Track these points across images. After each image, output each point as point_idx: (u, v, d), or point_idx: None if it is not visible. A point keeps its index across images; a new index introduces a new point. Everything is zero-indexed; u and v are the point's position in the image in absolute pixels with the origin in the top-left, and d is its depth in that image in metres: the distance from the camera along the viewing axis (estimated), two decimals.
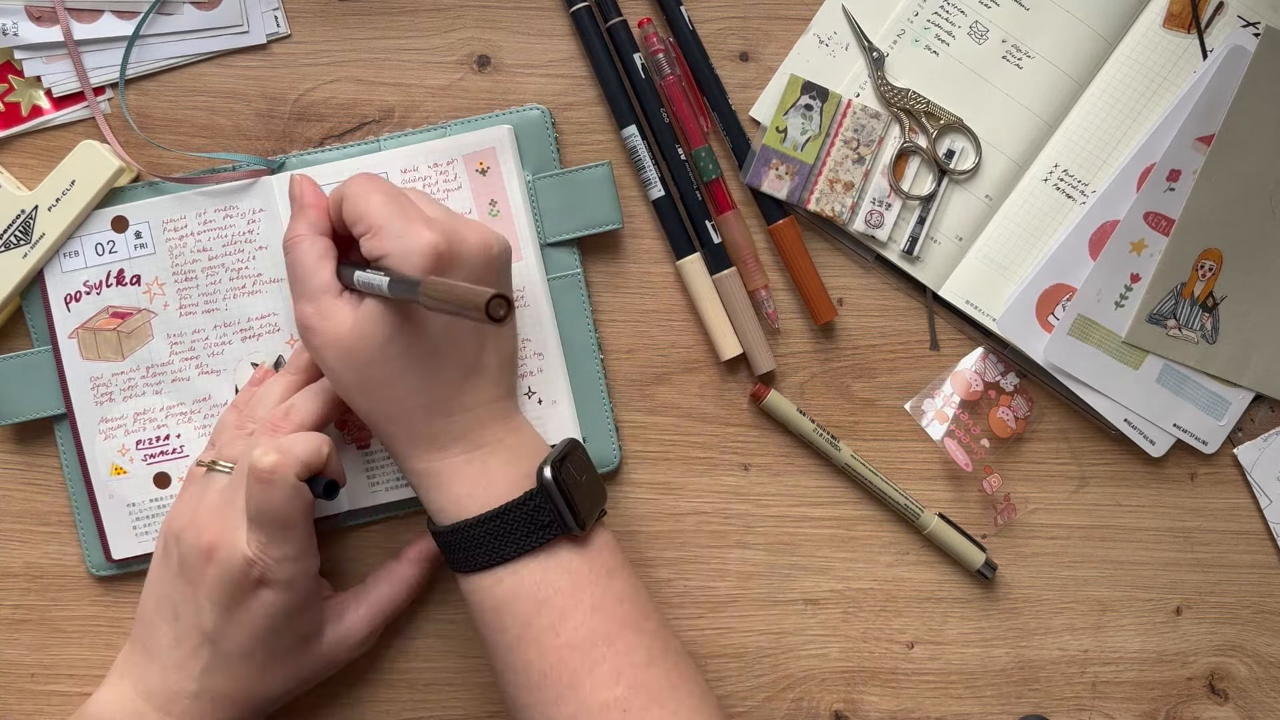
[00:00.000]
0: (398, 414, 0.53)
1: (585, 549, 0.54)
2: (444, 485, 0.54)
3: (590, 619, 0.52)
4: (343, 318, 0.53)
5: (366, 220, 0.53)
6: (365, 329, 0.52)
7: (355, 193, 0.54)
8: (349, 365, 0.53)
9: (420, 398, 0.53)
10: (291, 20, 0.64)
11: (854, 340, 0.65)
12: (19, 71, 0.63)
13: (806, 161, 0.63)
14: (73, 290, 0.62)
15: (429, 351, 0.53)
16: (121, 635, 0.64)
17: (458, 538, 0.53)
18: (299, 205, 0.56)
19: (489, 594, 0.53)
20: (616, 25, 0.63)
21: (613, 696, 0.51)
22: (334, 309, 0.53)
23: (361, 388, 0.53)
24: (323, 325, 0.53)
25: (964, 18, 0.63)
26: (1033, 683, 0.65)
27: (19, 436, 0.64)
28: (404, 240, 0.51)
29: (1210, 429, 0.65)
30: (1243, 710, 0.65)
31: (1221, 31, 0.63)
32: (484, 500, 0.53)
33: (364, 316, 0.52)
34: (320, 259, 0.54)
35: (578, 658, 0.52)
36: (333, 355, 0.53)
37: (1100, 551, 0.65)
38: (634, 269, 0.64)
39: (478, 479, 0.53)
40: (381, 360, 0.52)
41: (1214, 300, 0.64)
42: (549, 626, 0.52)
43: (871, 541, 0.65)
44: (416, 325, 0.52)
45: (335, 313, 0.53)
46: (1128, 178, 0.63)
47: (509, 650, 0.53)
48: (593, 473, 0.56)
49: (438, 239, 0.51)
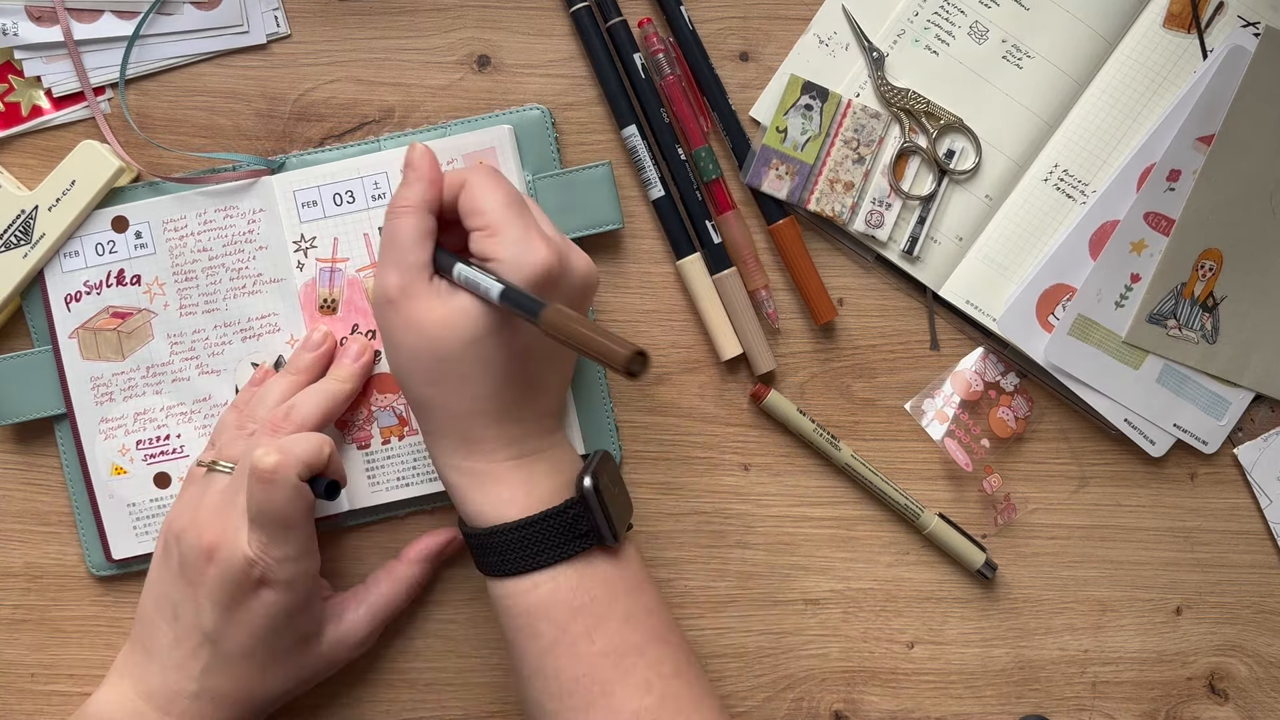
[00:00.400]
0: (455, 412, 0.52)
1: (618, 560, 0.54)
2: (486, 488, 0.53)
3: (624, 628, 0.52)
4: (431, 303, 0.51)
5: (485, 217, 0.51)
6: (454, 323, 0.51)
7: (480, 184, 0.52)
8: (423, 353, 0.51)
9: (483, 403, 0.52)
10: (291, 20, 0.64)
11: (854, 340, 0.65)
12: (19, 71, 0.63)
13: (806, 161, 0.63)
14: (73, 290, 0.62)
15: (506, 361, 0.52)
16: (121, 635, 0.64)
17: (495, 541, 0.53)
18: (416, 175, 0.53)
19: (522, 599, 0.53)
20: (616, 25, 0.63)
21: (643, 706, 0.51)
22: (424, 291, 0.51)
23: (427, 378, 0.52)
24: (407, 305, 0.51)
25: (964, 18, 0.63)
26: (1033, 683, 0.65)
27: (19, 436, 0.64)
28: (520, 250, 0.50)
29: (1210, 429, 0.65)
30: (1243, 710, 0.65)
31: (1221, 31, 0.63)
32: (524, 506, 0.53)
33: (456, 310, 0.51)
34: (424, 236, 0.52)
35: (610, 665, 0.51)
36: (409, 338, 0.51)
37: (1100, 551, 0.65)
38: (634, 269, 0.64)
39: (520, 485, 0.53)
40: (458, 358, 0.51)
41: (1214, 300, 0.64)
42: (584, 634, 0.52)
43: (871, 541, 0.65)
44: (505, 335, 0.51)
45: (425, 296, 0.51)
46: (1128, 178, 0.63)
47: (540, 656, 0.52)
48: (622, 484, 0.56)
49: (553, 259, 0.50)
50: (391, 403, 0.62)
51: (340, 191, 0.62)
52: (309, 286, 0.62)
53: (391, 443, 0.62)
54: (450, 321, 0.51)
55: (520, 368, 0.52)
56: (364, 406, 0.62)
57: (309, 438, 0.54)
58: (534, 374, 0.53)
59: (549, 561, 0.52)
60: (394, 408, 0.62)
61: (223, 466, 0.57)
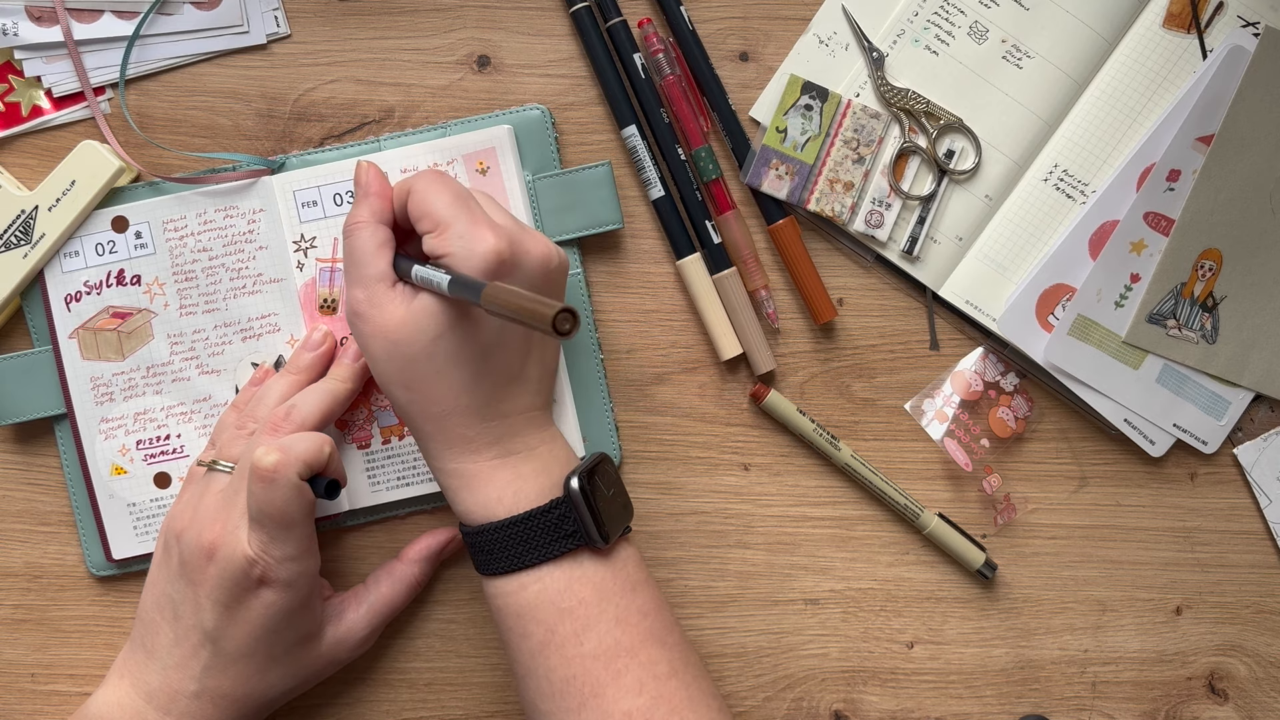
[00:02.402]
0: (436, 412, 0.53)
1: (609, 561, 0.54)
2: (475, 487, 0.54)
3: (614, 630, 0.52)
4: (394, 309, 0.52)
5: (432, 217, 0.52)
6: (417, 323, 0.52)
7: (423, 188, 0.53)
8: (394, 357, 0.52)
9: (461, 399, 0.53)
10: (291, 20, 0.64)
11: (854, 340, 0.65)
12: (19, 71, 0.63)
13: (806, 161, 0.63)
14: (73, 290, 0.62)
15: (476, 354, 0.53)
16: (121, 635, 0.64)
17: (484, 540, 0.53)
18: (364, 191, 0.56)
19: (513, 599, 0.53)
20: (616, 25, 0.63)
21: (635, 706, 0.51)
22: (386, 299, 0.53)
23: (403, 381, 0.53)
24: (373, 314, 0.53)
25: (964, 18, 0.63)
26: (1033, 683, 0.65)
27: (19, 436, 0.64)
28: (467, 241, 0.51)
29: (1210, 429, 0.65)
30: (1243, 710, 0.65)
31: (1221, 31, 0.63)
32: (512, 505, 0.53)
33: (417, 311, 0.52)
34: (380, 247, 0.54)
35: (600, 667, 0.52)
36: (379, 345, 0.53)
37: (1100, 551, 0.66)
38: (634, 269, 0.64)
39: (508, 484, 0.53)
40: (428, 356, 0.52)
41: (1214, 300, 0.64)
42: (572, 635, 0.52)
43: (871, 541, 0.65)
44: (468, 327, 0.52)
45: (387, 303, 0.53)
46: (1128, 178, 0.63)
47: (531, 656, 0.53)
48: (621, 488, 0.56)
49: (501, 244, 0.51)
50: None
51: (340, 191, 0.62)
52: (309, 286, 0.62)
53: (392, 442, 0.62)
54: (412, 323, 0.52)
55: (493, 360, 0.53)
56: (364, 406, 0.62)
57: (309, 437, 0.55)
58: (508, 365, 0.54)
59: (536, 561, 0.53)
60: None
61: (223, 466, 0.57)
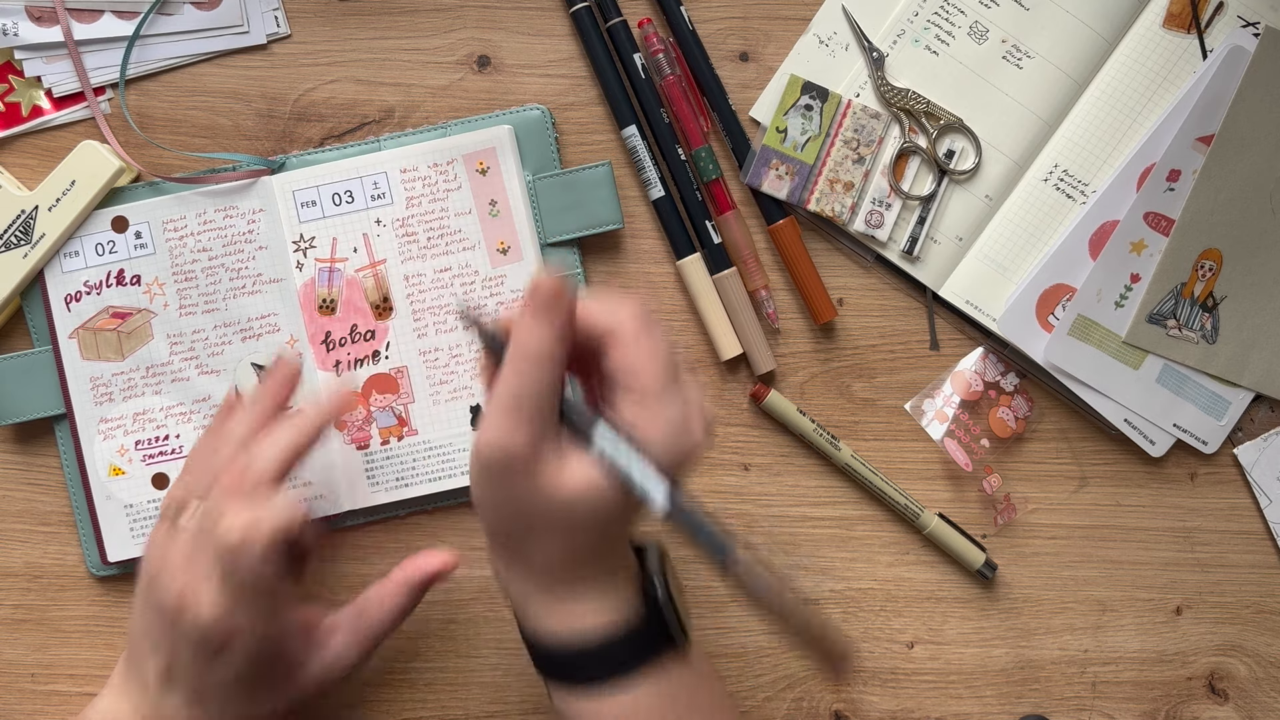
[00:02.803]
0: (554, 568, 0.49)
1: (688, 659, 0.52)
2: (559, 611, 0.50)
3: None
4: (560, 473, 0.45)
5: (640, 380, 0.45)
6: (597, 499, 0.45)
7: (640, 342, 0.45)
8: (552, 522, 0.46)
9: (585, 569, 0.49)
10: (291, 20, 0.64)
11: (854, 340, 0.65)
12: (19, 71, 0.63)
13: (806, 161, 0.63)
14: (73, 290, 0.62)
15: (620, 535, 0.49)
16: (121, 635, 0.64)
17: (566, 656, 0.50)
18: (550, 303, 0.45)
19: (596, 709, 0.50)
20: (616, 25, 0.63)
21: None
22: (551, 455, 0.45)
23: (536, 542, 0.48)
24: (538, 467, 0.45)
25: (964, 18, 0.63)
26: (1033, 683, 0.65)
27: (19, 436, 0.64)
28: (676, 431, 0.45)
29: (1210, 429, 0.65)
30: (1243, 710, 0.65)
31: (1221, 31, 0.63)
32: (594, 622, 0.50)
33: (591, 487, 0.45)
34: (556, 388, 0.45)
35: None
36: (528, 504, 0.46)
37: (1100, 551, 0.65)
38: (634, 269, 0.64)
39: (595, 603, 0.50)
40: (583, 531, 0.46)
41: (1214, 300, 0.64)
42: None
43: (871, 541, 0.65)
44: (630, 514, 0.47)
45: (553, 460, 0.45)
46: (1128, 178, 0.63)
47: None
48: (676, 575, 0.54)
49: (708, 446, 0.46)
50: (390, 403, 0.62)
51: (340, 192, 0.62)
52: (308, 286, 0.62)
53: (391, 443, 0.62)
54: (592, 496, 0.45)
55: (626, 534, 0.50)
56: (363, 407, 0.62)
57: (278, 510, 0.51)
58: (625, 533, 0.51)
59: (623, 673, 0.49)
60: (393, 408, 0.62)
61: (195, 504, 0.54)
